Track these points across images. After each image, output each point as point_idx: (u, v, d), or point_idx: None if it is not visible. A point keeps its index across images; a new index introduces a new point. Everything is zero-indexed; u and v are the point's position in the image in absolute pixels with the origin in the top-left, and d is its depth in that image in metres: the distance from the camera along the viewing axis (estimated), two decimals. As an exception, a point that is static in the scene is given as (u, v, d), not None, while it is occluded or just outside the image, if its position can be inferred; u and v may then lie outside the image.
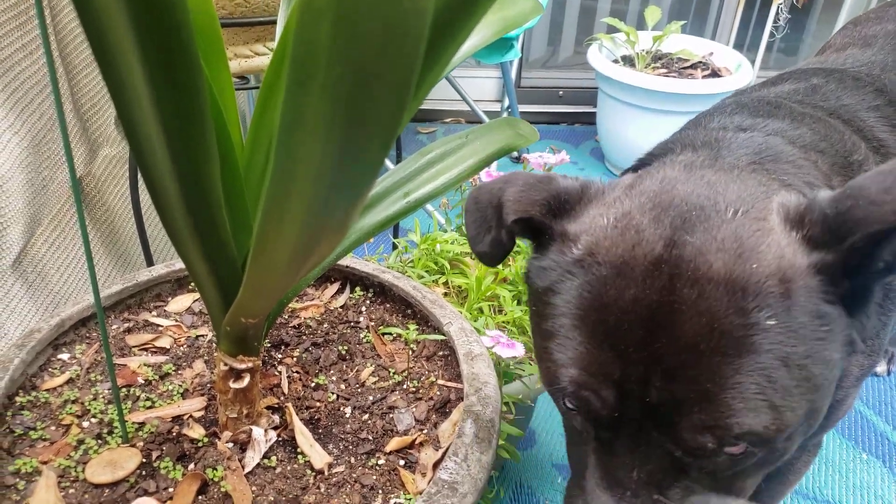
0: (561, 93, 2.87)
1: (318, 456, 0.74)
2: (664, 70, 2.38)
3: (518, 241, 1.21)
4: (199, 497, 0.70)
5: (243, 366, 0.70)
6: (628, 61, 2.44)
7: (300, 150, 0.36)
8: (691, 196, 0.60)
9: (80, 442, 0.74)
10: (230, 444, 0.74)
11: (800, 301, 0.53)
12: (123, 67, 0.44)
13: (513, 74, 2.46)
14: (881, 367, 1.59)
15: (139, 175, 1.30)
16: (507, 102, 2.49)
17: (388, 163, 1.79)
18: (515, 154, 2.51)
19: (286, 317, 0.96)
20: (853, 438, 1.42)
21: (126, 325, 0.93)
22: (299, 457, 0.75)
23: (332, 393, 0.84)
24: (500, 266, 1.17)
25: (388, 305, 1.00)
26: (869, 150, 0.84)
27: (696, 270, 0.54)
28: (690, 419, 0.53)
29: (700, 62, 2.44)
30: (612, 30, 2.52)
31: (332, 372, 0.87)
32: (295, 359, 0.89)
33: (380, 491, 0.72)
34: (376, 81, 0.32)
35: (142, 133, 0.48)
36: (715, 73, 2.37)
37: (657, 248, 0.56)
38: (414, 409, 0.81)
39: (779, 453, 0.59)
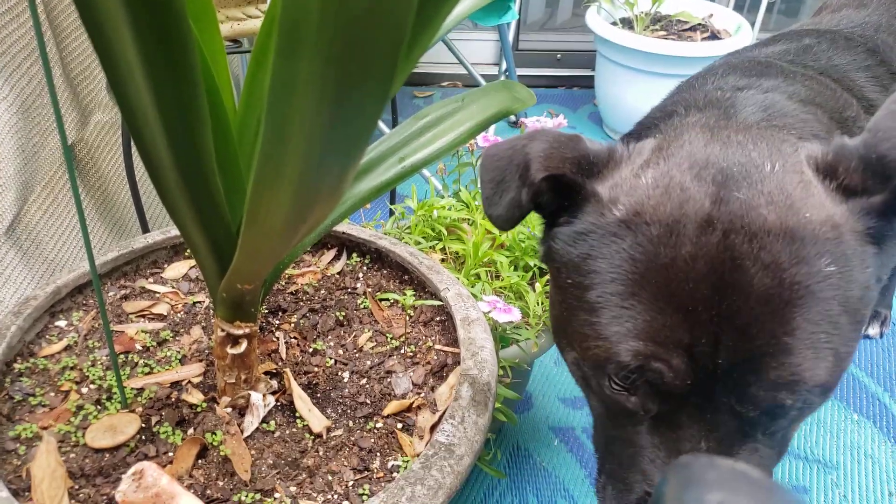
0: (559, 56, 2.84)
1: (316, 420, 0.75)
2: (663, 32, 2.35)
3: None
4: (199, 461, 0.70)
5: (240, 331, 0.70)
6: (627, 24, 2.41)
7: (292, 112, 0.36)
8: (726, 154, 0.59)
9: (80, 408, 0.74)
10: (229, 409, 0.75)
11: (851, 245, 0.54)
12: (111, 30, 0.43)
13: (510, 37, 2.43)
14: (873, 330, 1.60)
15: (132, 141, 1.29)
16: (504, 66, 2.46)
17: (383, 127, 1.78)
18: (513, 118, 2.49)
19: (283, 283, 0.96)
20: (845, 399, 1.44)
21: (123, 291, 0.93)
22: (298, 421, 0.75)
23: (330, 358, 0.84)
24: (497, 232, 1.17)
25: (385, 271, 1.00)
26: (860, 108, 0.84)
27: (751, 224, 0.53)
28: (767, 375, 0.52)
29: (699, 24, 2.41)
30: (610, -9, 2.48)
31: (329, 337, 0.88)
32: (293, 325, 0.89)
33: (378, 454, 0.72)
34: (367, 41, 0.32)
35: (132, 97, 0.48)
36: (714, 36, 2.34)
37: (706, 204, 0.55)
38: (411, 374, 0.82)
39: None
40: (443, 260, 1.17)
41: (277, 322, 0.89)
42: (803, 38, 0.99)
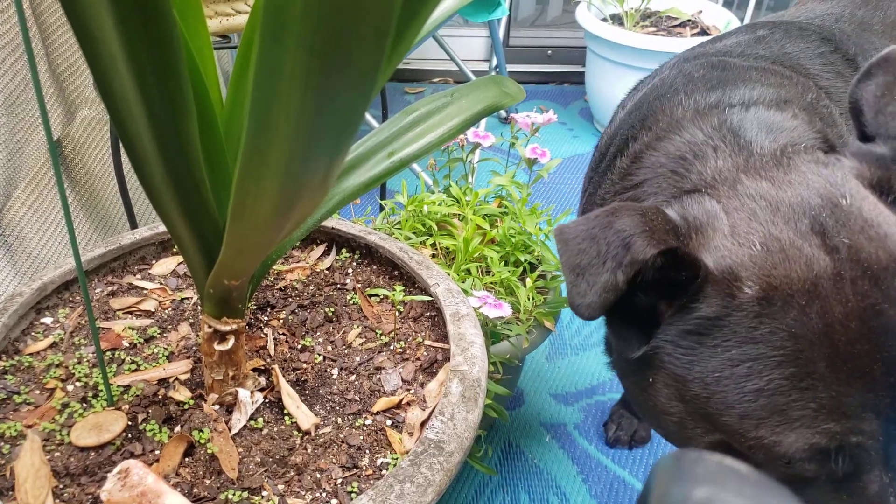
0: (549, 52, 2.84)
1: (304, 417, 0.74)
2: (653, 29, 2.35)
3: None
4: (186, 459, 0.70)
5: (228, 328, 0.69)
6: (617, 20, 2.41)
7: (276, 104, 0.35)
8: (798, 197, 0.57)
9: (65, 405, 0.74)
10: (216, 407, 0.74)
11: None
12: (94, 23, 0.42)
13: (501, 34, 2.43)
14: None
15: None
16: (495, 62, 2.46)
17: (373, 122, 1.77)
18: (504, 114, 2.49)
19: (272, 279, 0.96)
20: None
21: (110, 288, 0.92)
22: (286, 418, 0.75)
23: (319, 354, 0.83)
24: (488, 227, 1.17)
25: (374, 267, 0.99)
26: (819, 92, 0.84)
27: (869, 267, 0.53)
28: None
29: (689, 20, 2.41)
30: (601, -13, 2.48)
31: (318, 334, 0.87)
32: (281, 321, 0.88)
33: (367, 451, 0.72)
34: (352, 32, 0.31)
35: (116, 90, 0.47)
36: (704, 32, 2.34)
37: (825, 259, 0.54)
38: (401, 370, 0.81)
39: None
40: (433, 255, 1.17)
41: (266, 318, 0.89)
42: (757, 29, 0.99)
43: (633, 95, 0.97)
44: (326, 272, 0.98)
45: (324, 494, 0.67)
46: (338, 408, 0.77)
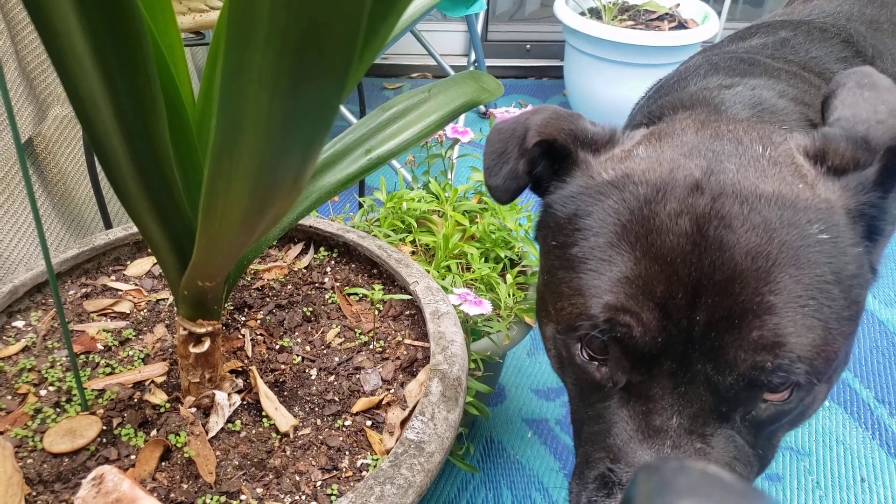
0: (528, 46, 2.83)
1: (283, 419, 0.73)
2: (631, 22, 2.35)
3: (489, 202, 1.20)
4: (163, 463, 0.69)
5: (203, 330, 0.68)
6: (595, 14, 2.41)
7: (245, 103, 0.34)
8: (717, 139, 0.59)
9: (38, 411, 0.72)
10: (193, 409, 0.73)
11: (843, 219, 0.53)
12: (57, 18, 0.41)
13: (479, 28, 2.42)
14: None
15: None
16: (473, 56, 2.45)
17: (350, 118, 1.76)
18: (482, 109, 2.48)
19: (249, 279, 0.94)
20: (815, 386, 1.46)
21: (84, 290, 0.90)
22: (264, 420, 0.74)
23: (297, 355, 0.82)
24: (468, 223, 1.16)
25: (353, 265, 0.98)
26: None
27: (742, 190, 0.53)
28: (748, 335, 0.49)
29: (667, 14, 2.42)
30: (579, -19, 2.47)
31: (296, 334, 0.86)
32: (259, 321, 0.87)
33: (347, 452, 0.71)
34: (323, 28, 0.30)
35: (83, 90, 0.46)
36: (682, 25, 2.35)
37: (696, 172, 0.55)
38: (380, 370, 0.81)
39: (807, 406, 0.57)
40: (413, 252, 1.16)
41: (243, 319, 0.87)
42: (778, 30, 0.99)
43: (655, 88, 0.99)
44: (304, 271, 0.97)
45: (303, 497, 0.66)
46: (317, 409, 0.76)
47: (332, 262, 0.99)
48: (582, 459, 0.60)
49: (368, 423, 0.74)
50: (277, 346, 0.83)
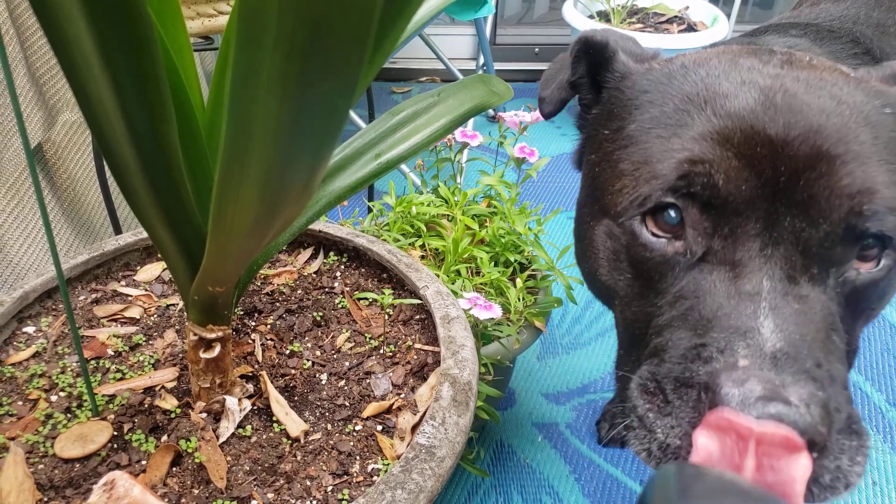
0: (537, 50, 2.83)
1: (293, 424, 0.73)
2: (640, 25, 2.35)
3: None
4: (173, 469, 0.68)
5: (213, 335, 0.68)
6: (604, 17, 2.41)
7: (255, 110, 0.34)
8: (769, 55, 0.59)
9: (49, 416, 0.72)
10: (203, 415, 0.73)
11: None
12: (66, 24, 0.41)
13: (487, 32, 2.42)
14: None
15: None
16: (482, 60, 2.45)
17: (360, 122, 1.76)
18: (491, 112, 2.48)
19: (259, 283, 0.94)
20: (828, 390, 1.44)
21: (94, 295, 0.90)
22: (275, 425, 0.74)
23: (308, 360, 0.82)
24: (477, 227, 1.16)
25: (363, 270, 0.98)
26: None
27: (812, 71, 0.53)
28: (840, 182, 0.47)
29: (676, 17, 2.41)
30: (587, -16, 2.47)
31: (306, 339, 0.86)
32: (269, 326, 0.87)
33: (357, 457, 0.71)
34: (332, 32, 0.30)
35: (92, 95, 0.46)
36: (691, 28, 2.34)
37: (755, 62, 0.55)
38: (391, 374, 0.80)
39: (890, 283, 0.54)
40: (422, 257, 1.16)
41: (253, 324, 0.87)
42: (789, 30, 0.99)
43: None
44: (314, 276, 0.97)
45: (314, 502, 0.66)
46: (327, 414, 0.76)
47: (342, 267, 0.99)
48: (644, 356, 0.54)
49: (379, 427, 0.74)
50: (288, 351, 0.83)
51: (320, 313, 0.89)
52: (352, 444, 0.72)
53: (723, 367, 0.44)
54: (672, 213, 0.51)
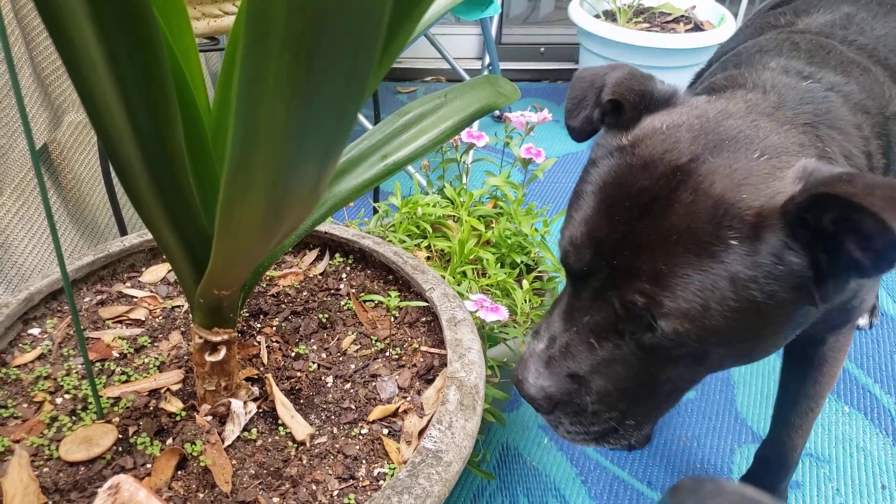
0: (542, 49, 2.82)
1: (299, 427, 0.73)
2: (646, 25, 2.34)
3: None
4: (178, 472, 0.68)
5: (219, 338, 0.68)
6: (610, 16, 2.40)
7: (262, 111, 0.33)
8: (735, 131, 0.67)
9: (54, 419, 0.72)
10: (209, 418, 0.72)
11: (767, 238, 0.60)
12: (71, 26, 0.40)
13: (493, 31, 2.41)
14: (863, 321, 1.60)
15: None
16: (487, 60, 2.44)
17: (365, 123, 1.75)
18: (497, 112, 2.47)
19: (264, 285, 0.94)
20: (835, 392, 1.43)
21: (99, 297, 0.90)
22: (280, 428, 0.73)
23: (313, 362, 0.82)
24: (483, 228, 1.15)
25: (368, 272, 0.97)
26: None
27: (700, 183, 0.63)
28: (637, 285, 0.64)
29: (682, 16, 2.40)
30: (593, -16, 2.46)
31: (312, 341, 0.85)
32: (274, 328, 0.87)
33: (363, 461, 0.70)
34: (341, 34, 0.29)
35: (97, 97, 0.45)
36: (697, 27, 2.33)
37: (683, 158, 0.65)
38: (397, 377, 0.80)
39: (709, 361, 0.68)
40: (428, 258, 1.15)
41: (258, 326, 0.87)
42: (840, 5, 0.97)
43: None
44: (320, 277, 0.96)
45: (320, 507, 0.65)
46: (333, 417, 0.75)
47: (348, 269, 0.98)
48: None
49: (385, 431, 0.74)
50: (293, 354, 0.83)
51: (326, 315, 0.88)
52: (358, 447, 0.71)
53: (525, 352, 0.74)
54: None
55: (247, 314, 0.88)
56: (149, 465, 0.68)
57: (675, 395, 0.75)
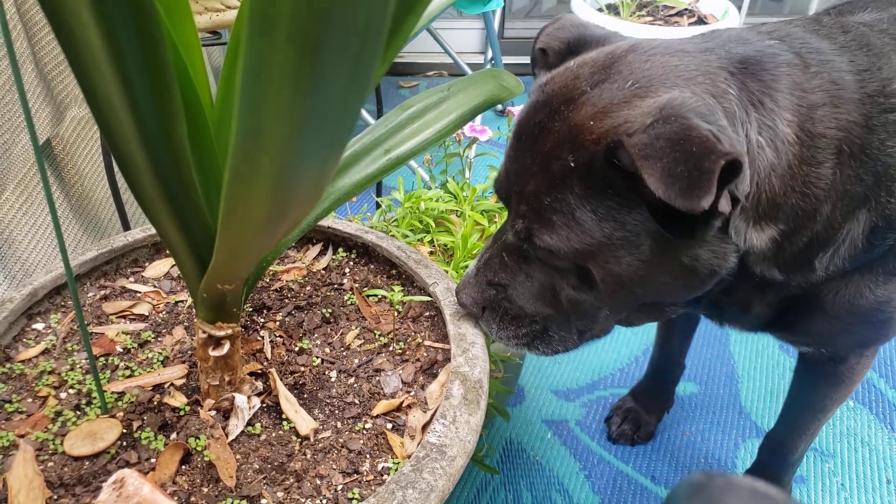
0: (545, 43, 2.81)
1: (303, 422, 0.73)
2: (650, 18, 2.33)
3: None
4: (183, 467, 0.68)
5: (222, 333, 0.68)
6: (613, 10, 2.39)
7: (265, 106, 0.33)
8: (626, 65, 0.68)
9: (58, 414, 0.72)
10: (213, 412, 0.72)
11: (595, 165, 0.64)
12: (75, 22, 0.40)
13: (495, 25, 2.40)
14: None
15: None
16: (490, 54, 2.43)
17: (368, 118, 1.75)
18: (500, 107, 2.47)
19: (267, 280, 0.94)
20: (840, 386, 1.43)
21: (102, 292, 0.90)
22: (284, 423, 0.73)
23: (317, 357, 0.82)
24: (486, 222, 1.15)
25: (372, 266, 0.97)
26: None
27: (571, 112, 0.67)
28: (521, 208, 0.71)
29: (686, 9, 2.39)
30: (596, -23, 2.45)
31: (316, 336, 0.85)
32: (278, 323, 0.87)
33: (367, 455, 0.70)
34: (346, 27, 0.29)
35: (100, 92, 0.45)
36: (701, 20, 2.32)
37: (575, 92, 0.68)
38: (401, 372, 0.80)
39: (601, 286, 0.71)
40: (431, 252, 1.15)
41: (262, 320, 0.87)
42: (889, 7, 0.90)
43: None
44: (323, 272, 0.96)
45: (324, 501, 0.65)
46: (337, 411, 0.75)
47: (351, 263, 0.98)
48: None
49: (389, 425, 0.74)
50: (297, 348, 0.83)
51: (329, 310, 0.88)
52: (362, 442, 0.71)
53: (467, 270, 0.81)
54: None
55: (250, 309, 0.88)
56: (153, 460, 0.68)
57: (592, 316, 0.78)
